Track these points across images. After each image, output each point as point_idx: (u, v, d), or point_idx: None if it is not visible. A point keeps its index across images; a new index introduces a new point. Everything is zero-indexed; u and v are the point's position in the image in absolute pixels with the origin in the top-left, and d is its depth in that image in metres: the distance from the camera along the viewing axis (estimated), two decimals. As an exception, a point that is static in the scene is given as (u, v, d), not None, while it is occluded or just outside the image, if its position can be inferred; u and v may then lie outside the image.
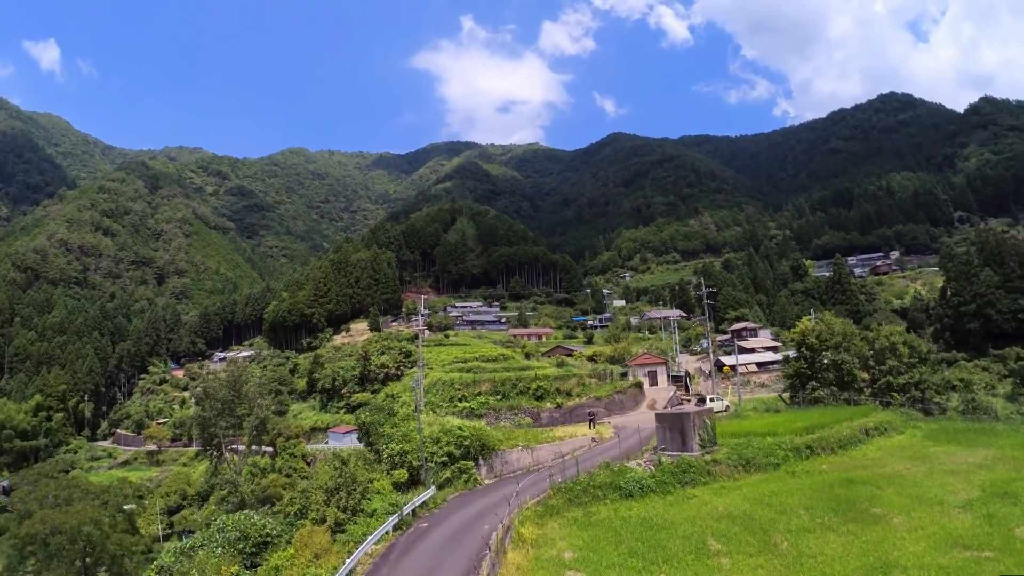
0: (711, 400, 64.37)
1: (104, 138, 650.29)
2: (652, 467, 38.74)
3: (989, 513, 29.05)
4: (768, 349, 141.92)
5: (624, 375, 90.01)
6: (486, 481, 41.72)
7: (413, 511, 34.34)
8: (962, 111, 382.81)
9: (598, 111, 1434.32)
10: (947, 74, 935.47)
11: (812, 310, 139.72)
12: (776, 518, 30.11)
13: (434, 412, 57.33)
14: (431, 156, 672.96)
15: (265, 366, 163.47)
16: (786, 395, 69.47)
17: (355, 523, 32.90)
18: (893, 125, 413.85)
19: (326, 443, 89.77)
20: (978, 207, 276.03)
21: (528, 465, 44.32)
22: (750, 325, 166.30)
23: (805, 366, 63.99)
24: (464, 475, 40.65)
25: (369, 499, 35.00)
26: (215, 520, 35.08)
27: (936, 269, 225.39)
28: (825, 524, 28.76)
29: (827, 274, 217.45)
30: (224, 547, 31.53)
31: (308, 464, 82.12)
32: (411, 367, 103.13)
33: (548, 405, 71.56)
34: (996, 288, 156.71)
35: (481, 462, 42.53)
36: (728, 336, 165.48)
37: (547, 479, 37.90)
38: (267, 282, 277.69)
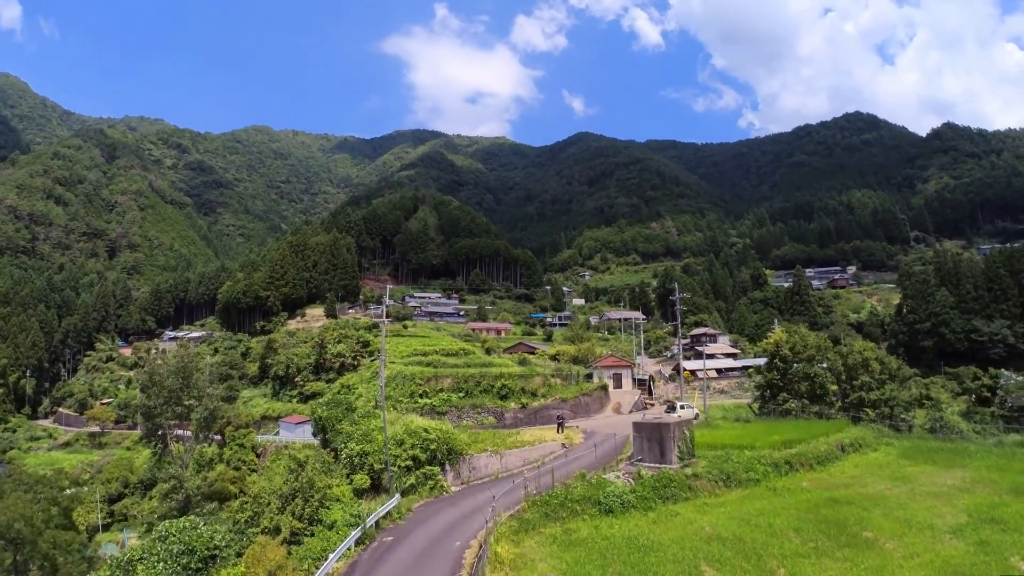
0: (681, 407, 62.52)
1: (63, 103, 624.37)
2: (631, 480, 36.48)
3: (981, 540, 28.47)
4: (727, 355, 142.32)
5: (589, 377, 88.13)
6: (453, 488, 38.83)
7: (376, 522, 31.30)
8: (924, 135, 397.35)
9: (566, 109, 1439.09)
10: (910, 98, 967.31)
11: (775, 320, 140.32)
12: (768, 541, 28.77)
13: (394, 408, 54.05)
14: (396, 143, 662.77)
15: (217, 348, 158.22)
16: (755, 405, 68.21)
17: (312, 535, 29.75)
18: (856, 144, 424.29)
19: (277, 434, 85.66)
20: (934, 228, 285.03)
21: (496, 472, 41.62)
22: (710, 331, 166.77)
23: (778, 377, 62.68)
24: (430, 481, 37.68)
25: (328, 508, 31.79)
26: (157, 527, 31.31)
27: (892, 286, 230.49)
28: (819, 549, 27.71)
29: (786, 285, 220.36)
30: (166, 562, 27.94)
31: (258, 456, 78.16)
32: (368, 357, 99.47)
33: (512, 405, 68.91)
34: (951, 308, 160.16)
35: (448, 467, 39.58)
36: (688, 341, 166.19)
37: (519, 488, 35.33)
38: (222, 261, 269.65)
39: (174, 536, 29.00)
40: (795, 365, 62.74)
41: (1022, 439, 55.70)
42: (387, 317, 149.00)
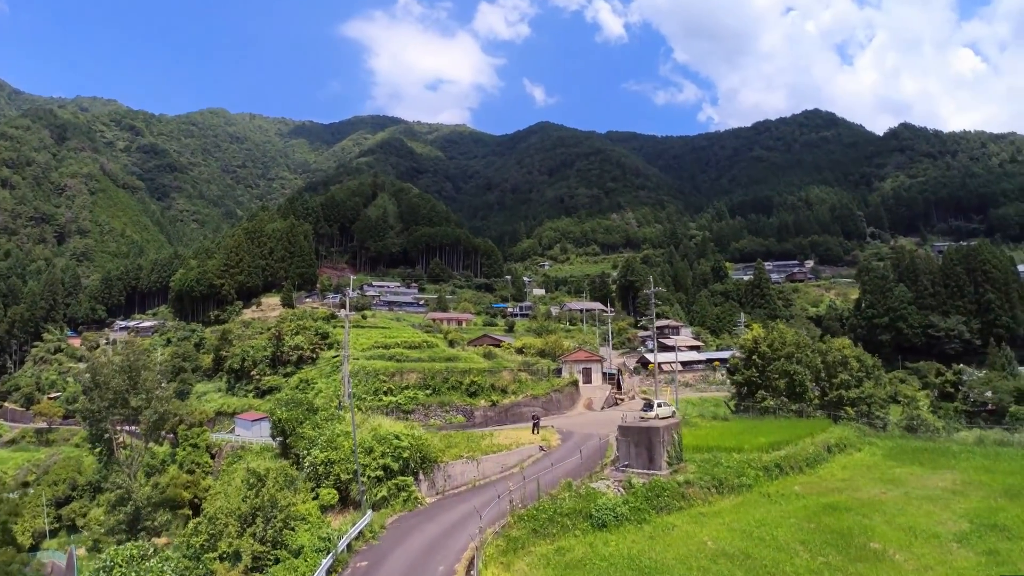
0: (659, 405, 60.20)
1: (12, 81, 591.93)
2: (622, 489, 33.91)
3: (990, 549, 27.45)
4: (691, 348, 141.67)
5: (557, 371, 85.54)
6: (428, 500, 35.60)
7: (348, 544, 27.91)
8: (881, 134, 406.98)
9: (527, 98, 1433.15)
10: (867, 98, 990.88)
11: (742, 315, 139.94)
12: (776, 557, 27.15)
13: (359, 408, 50.35)
14: (355, 128, 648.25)
15: (169, 339, 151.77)
16: (731, 402, 66.58)
17: (277, 560, 26.22)
18: (815, 140, 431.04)
19: (233, 431, 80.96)
20: (890, 225, 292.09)
21: (473, 480, 38.57)
22: (672, 323, 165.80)
23: (756, 374, 61.01)
24: (403, 493, 34.32)
25: (293, 529, 28.22)
26: (102, 555, 27.17)
27: (849, 280, 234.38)
28: (832, 565, 26.44)
29: (746, 277, 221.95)
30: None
31: (213, 457, 73.61)
32: (327, 349, 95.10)
33: (482, 403, 65.80)
34: (909, 304, 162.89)
35: (421, 477, 36.26)
36: (649, 333, 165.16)
37: (501, 499, 32.45)
38: (176, 248, 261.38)
39: (120, 569, 25.05)
40: (774, 362, 61.18)
41: (1000, 437, 55.68)
42: (344, 308, 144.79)
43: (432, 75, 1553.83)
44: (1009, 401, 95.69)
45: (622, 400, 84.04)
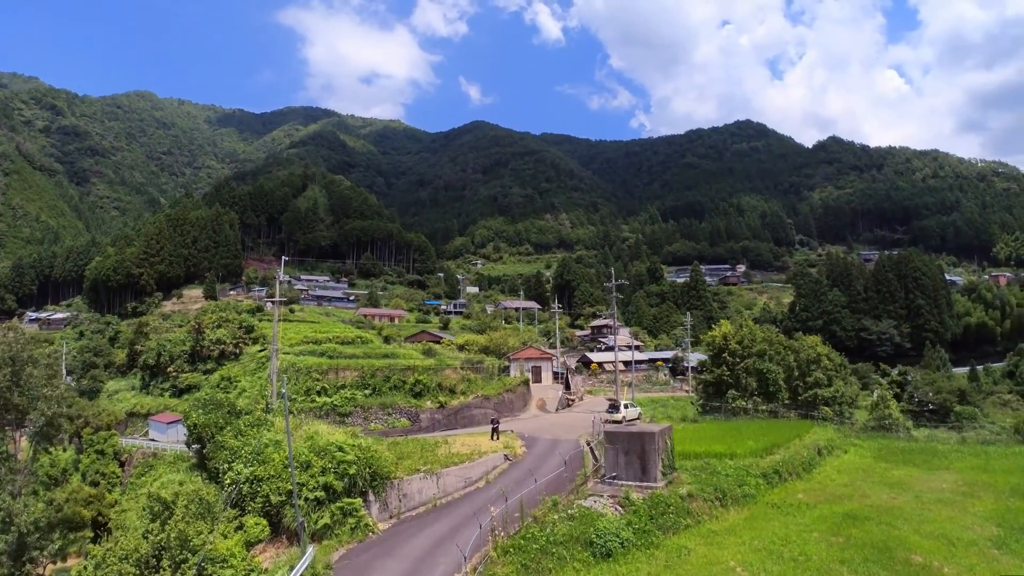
0: (625, 407, 55.20)
1: None
2: (619, 508, 28.08)
3: None
4: (631, 348, 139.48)
5: (505, 370, 79.36)
6: (381, 526, 28.43)
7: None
8: (810, 147, 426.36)
9: (463, 96, 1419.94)
10: (795, 112, 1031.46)
11: (688, 315, 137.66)
12: None
13: (290, 412, 42.75)
14: (287, 119, 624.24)
15: (82, 332, 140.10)
16: (698, 403, 62.10)
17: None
18: (746, 150, 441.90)
19: (147, 434, 71.17)
20: (818, 233, 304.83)
21: (434, 498, 31.76)
22: (610, 323, 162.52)
23: (727, 373, 56.63)
24: (350, 519, 27.00)
25: (209, 576, 20.93)
26: None
27: (780, 285, 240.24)
28: None
29: (680, 280, 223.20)
30: None
31: (122, 465, 64.09)
32: (252, 344, 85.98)
33: (429, 404, 58.87)
34: (842, 308, 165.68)
35: (371, 497, 29.06)
36: (588, 332, 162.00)
37: (471, 523, 25.94)
38: (93, 235, 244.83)
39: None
40: (744, 360, 57.03)
41: (982, 436, 54.45)
42: (270, 300, 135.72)
43: (367, 68, 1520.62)
44: (953, 401, 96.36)
45: (573, 401, 78.76)
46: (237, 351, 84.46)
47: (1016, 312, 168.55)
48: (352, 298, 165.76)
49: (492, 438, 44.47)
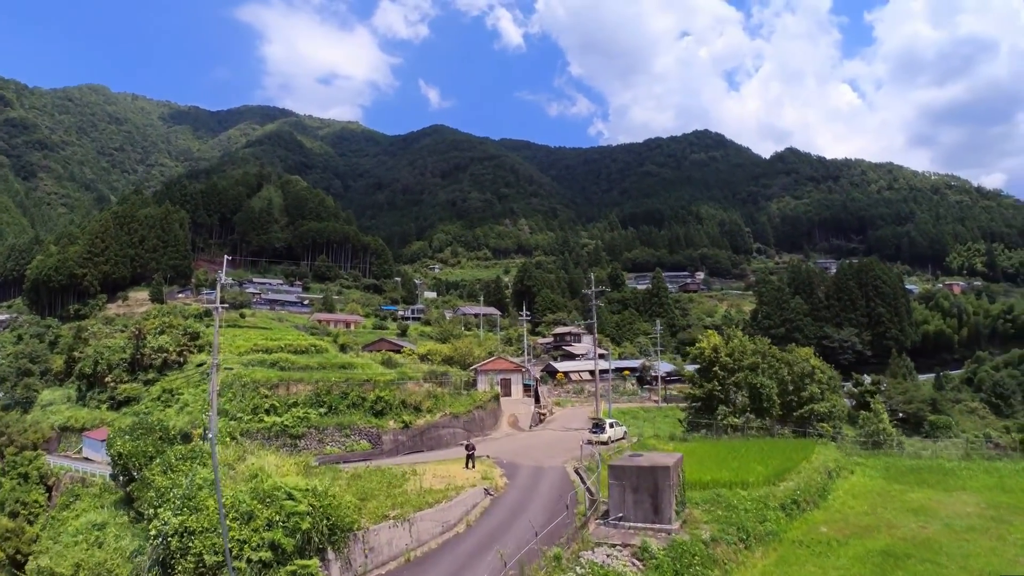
0: (611, 426, 50.37)
1: None
2: (636, 561, 23.06)
3: None
4: (603, 357, 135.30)
5: (472, 383, 73.81)
6: (343, 593, 22.99)
7: None
8: (768, 157, 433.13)
9: (422, 100, 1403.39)
10: (751, 123, 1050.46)
11: (658, 322, 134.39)
12: None
13: (233, 438, 36.29)
14: (243, 118, 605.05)
15: (21, 336, 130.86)
16: (685, 420, 57.66)
17: None
18: (704, 160, 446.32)
19: (80, 452, 63.53)
20: (775, 242, 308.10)
21: (406, 550, 26.02)
22: (574, 330, 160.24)
23: (718, 388, 52.36)
24: (305, 588, 21.53)
25: None
26: None
27: (739, 292, 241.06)
28: None
29: (640, 286, 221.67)
30: None
31: (49, 492, 56.74)
32: (198, 352, 78.69)
33: (392, 424, 52.83)
34: (804, 315, 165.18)
35: (331, 554, 23.08)
36: (551, 340, 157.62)
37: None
38: (38, 232, 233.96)
39: None
40: (735, 374, 52.90)
41: (987, 452, 51.22)
42: (222, 303, 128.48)
43: (326, 69, 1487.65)
44: (926, 410, 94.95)
45: (544, 416, 73.69)
46: (181, 360, 77.23)
47: (973, 320, 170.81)
48: (306, 302, 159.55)
49: (467, 466, 39.08)
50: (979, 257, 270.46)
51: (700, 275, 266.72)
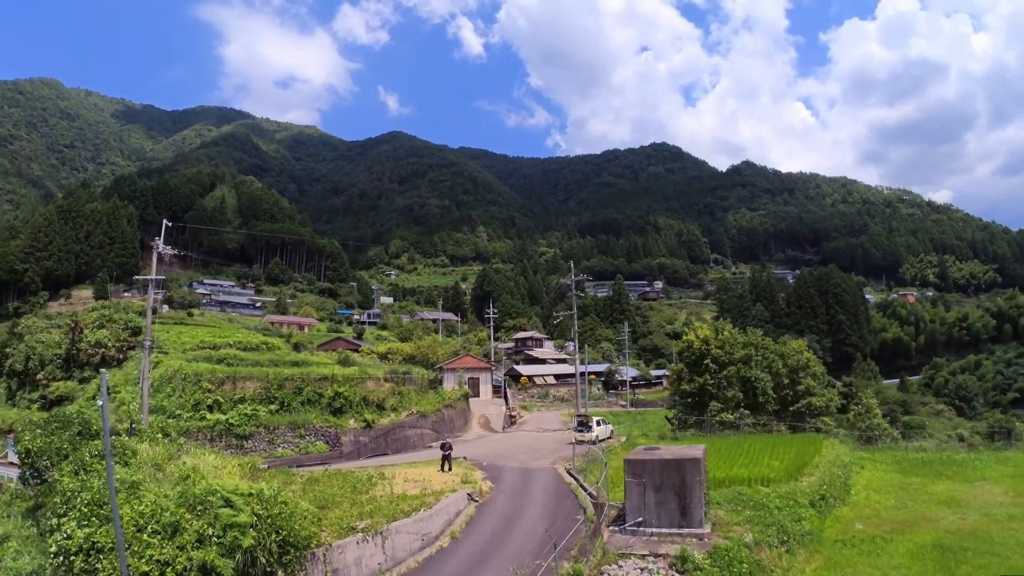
0: (598, 424, 45.79)
1: None
2: (674, 574, 18.27)
3: None
4: (558, 361, 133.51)
5: (438, 382, 68.37)
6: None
7: None
8: (724, 170, 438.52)
9: (380, 106, 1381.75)
10: (706, 138, 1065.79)
11: (626, 325, 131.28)
12: None
13: (166, 435, 30.24)
14: (199, 118, 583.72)
15: None
16: (674, 417, 53.43)
17: None
18: (661, 172, 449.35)
19: (6, 457, 55.44)
20: (732, 252, 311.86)
21: (379, 571, 20.15)
22: (536, 335, 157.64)
23: (711, 383, 48.36)
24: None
25: None
26: None
27: (697, 301, 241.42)
28: None
29: (600, 294, 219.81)
30: None
31: None
32: (139, 349, 71.16)
33: (352, 423, 47.04)
34: (766, 322, 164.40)
35: None
36: (513, 345, 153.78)
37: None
38: None
39: None
40: (727, 367, 49.05)
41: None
42: (168, 303, 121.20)
43: (284, 71, 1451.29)
44: (899, 411, 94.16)
45: (515, 417, 68.78)
46: (121, 356, 69.92)
47: (929, 328, 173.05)
48: (259, 305, 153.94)
49: (443, 468, 33.84)
50: (931, 268, 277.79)
51: (659, 284, 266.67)
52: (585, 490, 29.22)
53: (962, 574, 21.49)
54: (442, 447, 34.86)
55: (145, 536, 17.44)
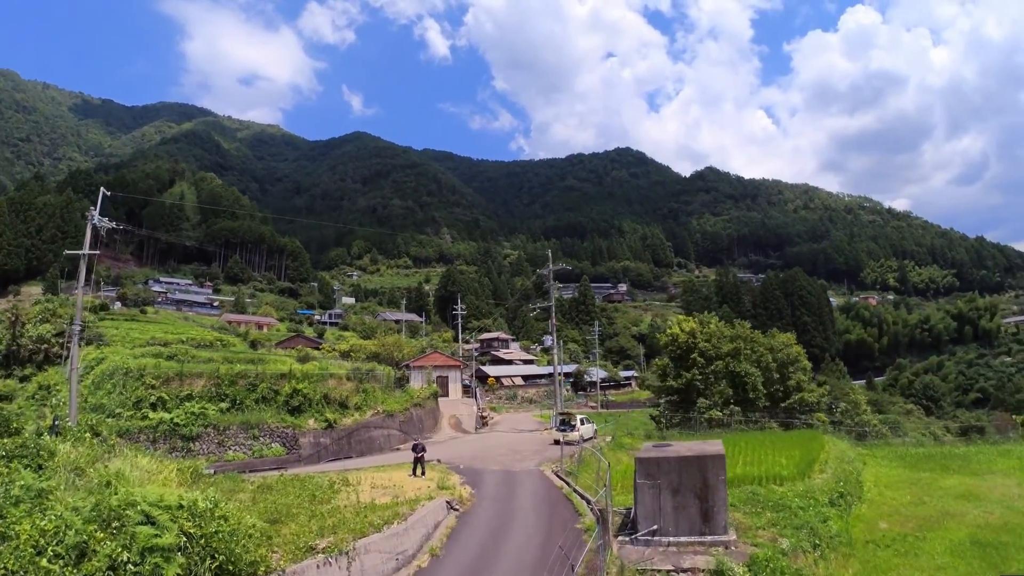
0: (582, 423, 42.38)
1: None
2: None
3: None
4: (526, 362, 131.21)
5: (405, 380, 64.27)
6: None
7: None
8: (688, 175, 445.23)
9: (344, 106, 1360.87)
10: (669, 144, 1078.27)
11: (596, 323, 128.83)
12: None
13: (96, 434, 25.77)
14: (160, 115, 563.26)
15: None
16: (661, 415, 50.35)
17: None
18: (626, 176, 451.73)
19: None
20: (695, 256, 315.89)
21: (348, 597, 16.81)
22: (502, 336, 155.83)
23: (699, 378, 45.47)
24: None
25: None
26: None
27: (661, 303, 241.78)
28: None
29: (566, 295, 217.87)
30: None
31: None
32: (86, 345, 65.38)
33: (312, 423, 42.73)
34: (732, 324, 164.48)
35: None
36: (477, 346, 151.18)
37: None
38: None
39: None
40: (715, 362, 46.28)
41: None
42: (122, 300, 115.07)
43: (248, 69, 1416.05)
44: (873, 410, 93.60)
45: (486, 418, 64.99)
46: (65, 352, 64.17)
47: (892, 329, 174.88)
48: (216, 304, 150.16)
49: (414, 473, 30.04)
50: (891, 273, 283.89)
51: (623, 287, 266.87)
52: (580, 495, 25.75)
53: (1014, 571, 19.32)
54: (414, 449, 30.98)
55: (44, 562, 13.37)
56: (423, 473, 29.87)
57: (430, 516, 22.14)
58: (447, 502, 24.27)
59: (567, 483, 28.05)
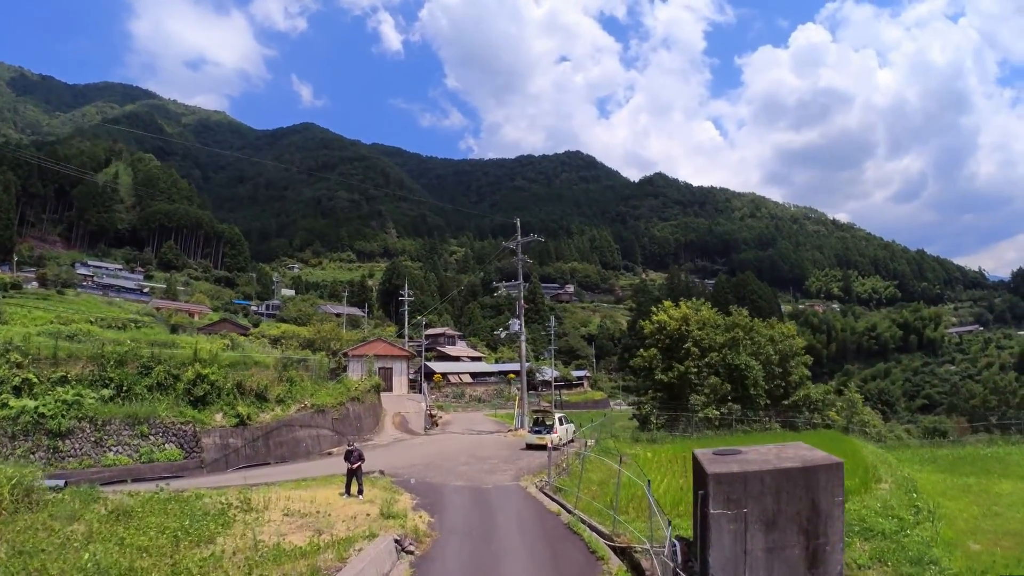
0: (560, 423, 35.03)
1: None
2: None
3: None
4: (473, 359, 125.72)
5: (341, 369, 55.84)
6: None
7: None
8: (637, 180, 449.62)
9: (293, 95, 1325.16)
10: (618, 150, 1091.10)
11: (553, 319, 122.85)
12: None
13: None
14: (102, 95, 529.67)
15: None
16: (653, 415, 43.51)
17: None
18: (575, 179, 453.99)
19: None
20: (642, 260, 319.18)
21: None
22: (449, 332, 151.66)
23: (693, 371, 38.85)
24: None
25: None
26: None
27: (609, 305, 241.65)
28: None
29: (513, 293, 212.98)
30: None
31: None
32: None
33: (220, 419, 33.54)
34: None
35: None
36: (426, 341, 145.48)
37: None
38: None
39: None
40: (709, 353, 39.82)
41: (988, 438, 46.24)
42: (34, 266, 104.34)
43: (195, 52, 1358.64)
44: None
45: (435, 417, 57.08)
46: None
47: (840, 336, 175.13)
48: (147, 291, 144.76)
49: (347, 491, 21.95)
50: (836, 282, 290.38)
51: (571, 288, 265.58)
52: (588, 525, 18.22)
53: None
54: (347, 457, 22.40)
55: None
56: (360, 491, 21.71)
57: (370, 570, 14.14)
58: (395, 541, 16.21)
59: (564, 507, 20.46)
